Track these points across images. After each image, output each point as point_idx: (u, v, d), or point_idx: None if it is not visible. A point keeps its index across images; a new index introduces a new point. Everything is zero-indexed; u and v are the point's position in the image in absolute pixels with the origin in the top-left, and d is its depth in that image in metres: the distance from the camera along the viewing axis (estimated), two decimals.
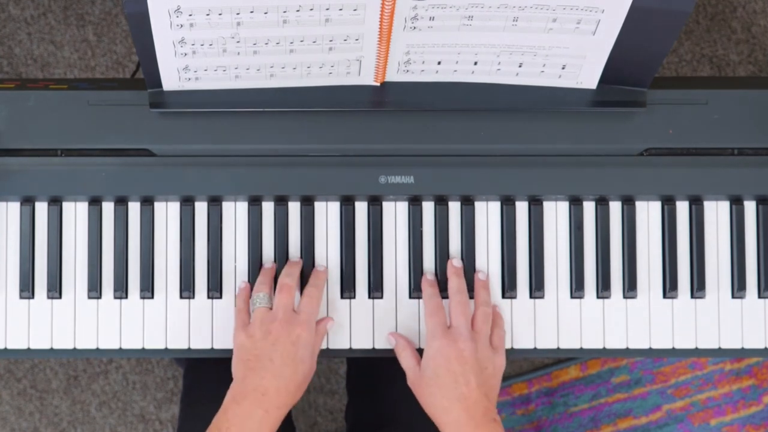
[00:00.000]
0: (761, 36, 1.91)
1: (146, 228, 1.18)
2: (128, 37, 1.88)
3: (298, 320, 1.12)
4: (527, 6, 1.05)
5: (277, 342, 1.10)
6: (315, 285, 1.15)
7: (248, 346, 1.11)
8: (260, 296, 1.13)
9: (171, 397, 1.87)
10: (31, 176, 1.16)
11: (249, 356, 1.11)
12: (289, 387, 1.10)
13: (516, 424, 1.85)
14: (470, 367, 1.10)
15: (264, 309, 1.13)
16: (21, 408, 1.86)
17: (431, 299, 1.15)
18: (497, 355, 1.14)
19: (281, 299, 1.13)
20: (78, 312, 1.18)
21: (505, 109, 1.16)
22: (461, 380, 1.09)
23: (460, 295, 1.14)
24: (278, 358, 1.10)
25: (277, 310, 1.12)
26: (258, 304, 1.13)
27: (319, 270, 1.17)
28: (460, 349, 1.10)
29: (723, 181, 1.18)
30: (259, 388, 1.09)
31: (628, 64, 1.12)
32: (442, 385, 1.10)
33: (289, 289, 1.13)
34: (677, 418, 1.85)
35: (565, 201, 1.19)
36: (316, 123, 1.16)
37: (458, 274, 1.16)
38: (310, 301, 1.14)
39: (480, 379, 1.10)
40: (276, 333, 1.11)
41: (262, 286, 1.14)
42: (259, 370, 1.10)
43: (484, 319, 1.14)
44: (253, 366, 1.10)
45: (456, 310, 1.13)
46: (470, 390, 1.09)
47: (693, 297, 1.19)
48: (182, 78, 1.12)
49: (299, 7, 1.03)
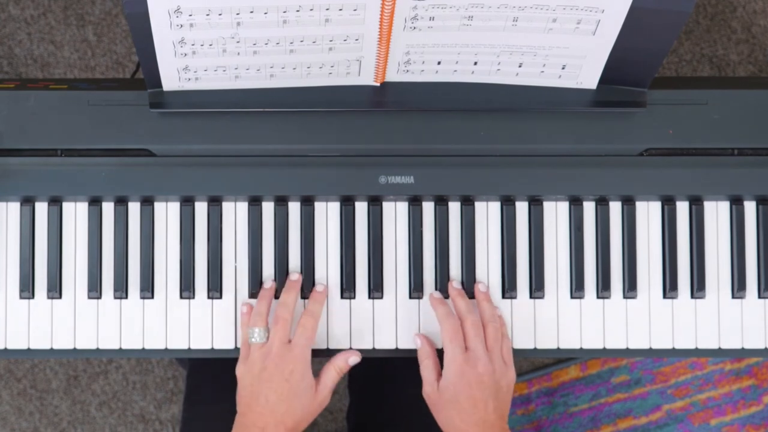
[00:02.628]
0: (761, 36, 1.91)
1: (146, 228, 1.18)
2: (128, 37, 1.88)
3: (291, 356, 1.12)
4: (527, 6, 1.05)
5: (272, 379, 1.11)
6: (311, 313, 1.14)
7: (246, 383, 1.13)
8: (256, 331, 1.14)
9: (171, 397, 1.87)
10: (31, 176, 1.16)
11: (247, 393, 1.13)
12: (286, 423, 1.11)
13: (516, 424, 1.85)
14: (490, 392, 1.11)
15: (260, 345, 1.13)
16: (21, 408, 1.86)
17: (447, 319, 1.14)
18: (509, 370, 1.14)
19: (275, 333, 1.13)
20: (78, 312, 1.18)
21: (505, 109, 1.16)
22: (480, 405, 1.10)
23: (472, 316, 1.14)
24: (273, 395, 1.11)
25: (271, 344, 1.13)
26: (253, 340, 1.14)
27: (317, 291, 1.17)
28: (480, 374, 1.11)
29: (723, 181, 1.18)
30: (257, 424, 1.11)
31: (628, 64, 1.12)
32: (462, 409, 1.11)
33: (285, 322, 1.13)
34: (677, 418, 1.85)
35: (565, 201, 1.19)
36: (316, 123, 1.16)
37: (461, 295, 1.16)
38: (303, 332, 1.13)
39: (497, 402, 1.11)
40: (270, 370, 1.12)
41: (258, 319, 1.14)
42: (257, 407, 1.12)
43: (496, 336, 1.14)
44: (251, 404, 1.12)
45: (471, 333, 1.13)
46: (488, 414, 1.10)
47: (693, 297, 1.19)
48: (182, 78, 1.12)
49: (299, 7, 1.03)
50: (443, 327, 1.14)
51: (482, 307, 1.15)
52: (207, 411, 1.34)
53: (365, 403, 1.42)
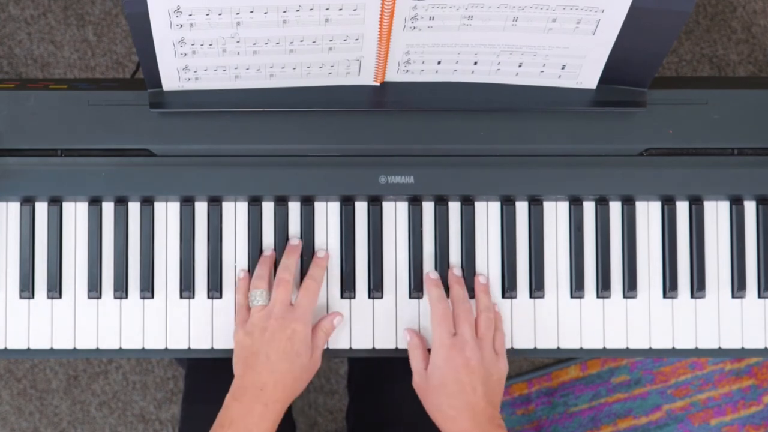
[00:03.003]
0: (761, 36, 1.91)
1: (146, 228, 1.18)
2: (128, 37, 1.88)
3: (293, 315, 1.12)
4: (527, 6, 1.05)
5: (273, 338, 1.11)
6: (313, 277, 1.15)
7: (246, 344, 1.12)
8: (257, 293, 1.14)
9: (171, 397, 1.87)
10: (31, 176, 1.16)
11: (247, 353, 1.12)
12: (286, 381, 1.11)
13: (516, 424, 1.85)
14: (477, 376, 1.10)
15: (261, 307, 1.14)
16: (21, 408, 1.86)
17: (439, 303, 1.14)
18: (500, 360, 1.14)
19: (277, 295, 1.13)
20: (78, 312, 1.18)
21: (505, 109, 1.16)
22: (468, 389, 1.10)
23: (465, 303, 1.14)
24: (274, 353, 1.11)
25: (273, 305, 1.13)
26: (255, 302, 1.14)
27: (318, 257, 1.17)
28: (467, 358, 1.11)
29: (723, 181, 1.18)
30: (257, 384, 1.10)
31: (628, 64, 1.12)
32: (450, 394, 1.10)
33: (286, 284, 1.14)
34: (677, 418, 1.85)
35: (565, 201, 1.19)
36: (316, 123, 1.16)
37: (460, 283, 1.16)
38: (306, 294, 1.14)
39: (486, 387, 1.11)
40: (272, 329, 1.12)
41: (260, 281, 1.15)
42: (257, 366, 1.11)
43: (488, 325, 1.14)
44: (251, 363, 1.11)
45: (461, 318, 1.13)
46: (477, 399, 1.10)
47: (693, 297, 1.19)
48: (182, 78, 1.12)
49: (299, 7, 1.03)
50: (433, 310, 1.14)
51: (479, 297, 1.16)
52: (205, 410, 1.34)
53: (364, 403, 1.42)
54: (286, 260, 1.16)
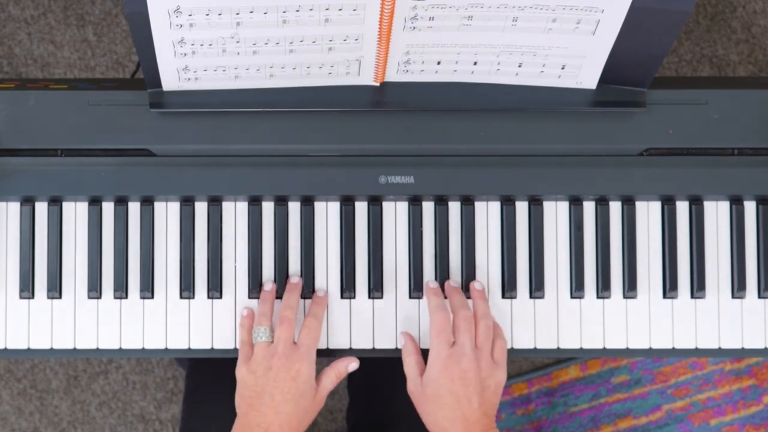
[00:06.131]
0: (761, 36, 1.91)
1: (146, 228, 1.18)
2: (128, 37, 1.88)
3: (297, 355, 1.12)
4: (527, 6, 1.05)
5: (278, 378, 1.11)
6: (314, 315, 1.15)
7: (250, 383, 1.12)
8: (261, 330, 1.14)
9: (171, 397, 1.87)
10: (31, 176, 1.16)
11: (251, 393, 1.12)
12: (291, 422, 1.11)
13: (516, 424, 1.85)
14: (473, 388, 1.10)
15: (265, 344, 1.13)
16: (21, 408, 1.86)
17: (438, 312, 1.14)
18: (498, 370, 1.13)
19: (281, 333, 1.13)
20: (78, 312, 1.18)
21: (505, 109, 1.16)
22: (463, 401, 1.09)
23: (465, 311, 1.14)
24: (279, 394, 1.11)
25: (277, 344, 1.13)
26: (259, 338, 1.13)
27: (318, 296, 1.17)
28: (463, 370, 1.10)
29: (723, 181, 1.18)
30: (261, 424, 1.10)
31: (628, 64, 1.12)
32: (444, 405, 1.10)
33: (290, 322, 1.13)
34: (677, 418, 1.85)
35: (565, 201, 1.19)
36: (316, 123, 1.16)
37: (458, 291, 1.16)
38: (308, 332, 1.14)
39: (482, 399, 1.10)
40: (276, 368, 1.11)
41: (263, 319, 1.14)
42: (261, 407, 1.11)
43: (487, 334, 1.13)
44: (255, 403, 1.11)
45: (461, 328, 1.12)
46: (472, 411, 1.09)
47: (693, 297, 1.19)
48: (182, 78, 1.12)
49: (299, 7, 1.03)
50: (432, 319, 1.14)
51: (476, 304, 1.15)
52: (207, 411, 1.34)
53: (365, 404, 1.42)
54: (288, 299, 1.15)
